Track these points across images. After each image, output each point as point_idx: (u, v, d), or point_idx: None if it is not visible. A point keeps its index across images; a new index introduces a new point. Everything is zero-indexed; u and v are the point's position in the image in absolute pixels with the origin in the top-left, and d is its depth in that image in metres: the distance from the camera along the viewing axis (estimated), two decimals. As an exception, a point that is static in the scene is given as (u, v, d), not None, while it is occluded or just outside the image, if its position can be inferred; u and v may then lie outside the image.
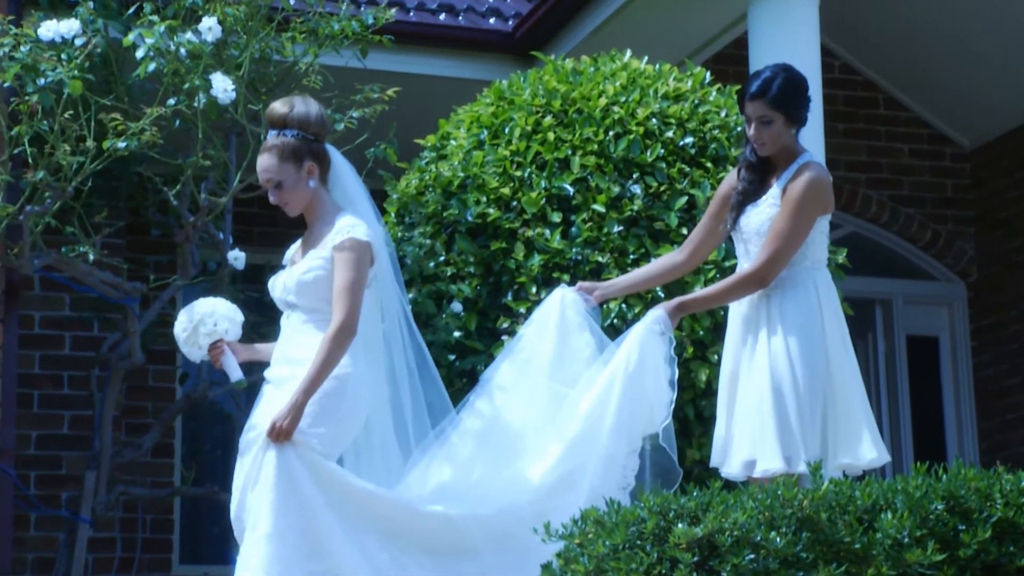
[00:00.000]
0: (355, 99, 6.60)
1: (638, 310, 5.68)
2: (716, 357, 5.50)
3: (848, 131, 10.01)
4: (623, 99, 6.22)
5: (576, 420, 4.94)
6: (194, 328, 5.05)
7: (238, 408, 7.58)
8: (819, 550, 3.72)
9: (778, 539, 3.69)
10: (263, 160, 4.99)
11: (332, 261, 4.89)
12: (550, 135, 6.14)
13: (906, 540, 3.72)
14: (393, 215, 6.41)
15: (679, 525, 3.76)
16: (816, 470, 3.93)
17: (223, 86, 6.10)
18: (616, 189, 6.00)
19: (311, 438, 4.75)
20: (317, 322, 4.91)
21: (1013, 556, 3.82)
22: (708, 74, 6.53)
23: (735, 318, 5.01)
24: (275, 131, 5.00)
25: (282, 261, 5.20)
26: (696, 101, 6.32)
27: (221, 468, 8.84)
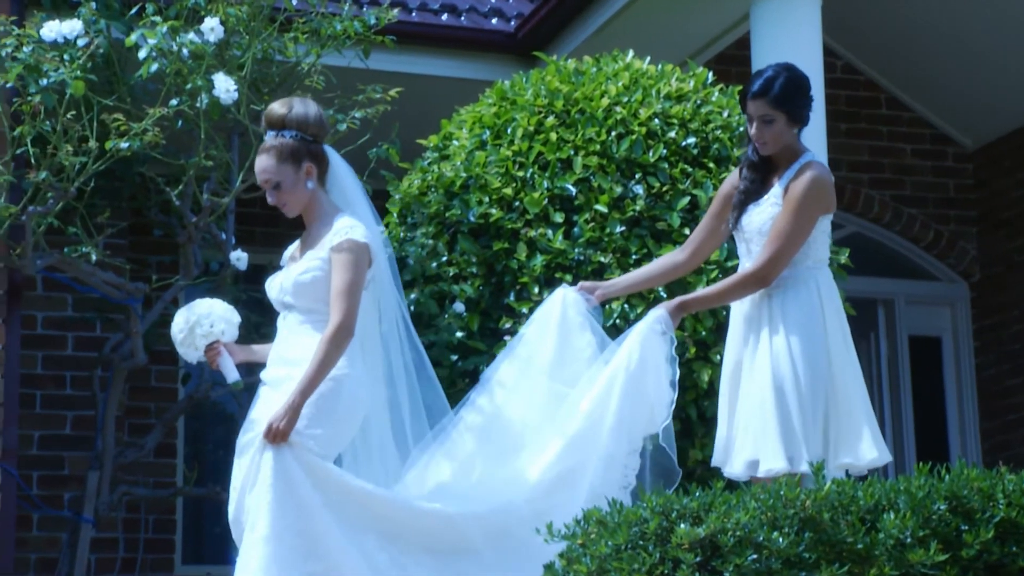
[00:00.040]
0: (357, 99, 6.60)
1: (640, 310, 5.68)
2: (718, 357, 5.50)
3: (850, 131, 10.00)
4: (625, 99, 6.22)
5: (576, 418, 4.94)
6: (190, 329, 5.04)
7: (240, 408, 7.56)
8: (821, 550, 3.72)
9: (780, 539, 3.69)
10: (261, 161, 4.99)
11: (330, 262, 4.88)
12: (552, 135, 6.14)
13: (908, 540, 3.72)
14: (395, 215, 6.41)
15: (681, 525, 3.76)
16: (818, 470, 3.93)
17: (225, 86, 6.10)
18: (618, 189, 6.00)
19: (308, 439, 4.75)
20: (314, 323, 4.90)
21: (1016, 556, 3.82)
22: (710, 74, 6.53)
23: (737, 317, 5.01)
24: (273, 132, 5.00)
25: (280, 262, 5.20)
26: (698, 101, 6.31)
27: (223, 468, 8.78)
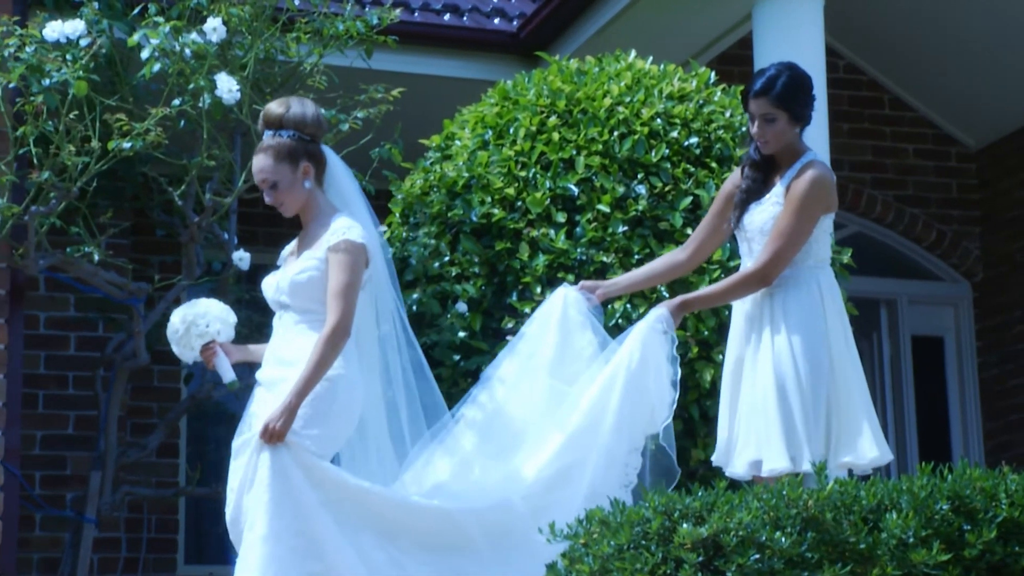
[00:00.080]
0: (360, 99, 6.60)
1: (643, 310, 5.67)
2: (721, 357, 5.49)
3: (853, 131, 10.00)
4: (628, 99, 6.22)
5: (576, 415, 4.93)
6: (186, 329, 5.03)
7: (243, 408, 7.57)
8: (824, 550, 3.72)
9: (783, 539, 3.69)
10: (259, 160, 4.98)
11: (326, 262, 4.87)
12: (555, 135, 6.14)
13: (911, 540, 3.72)
14: (398, 215, 6.41)
15: (684, 525, 3.76)
16: (821, 470, 3.93)
17: (228, 86, 6.10)
18: (621, 189, 6.00)
19: (304, 439, 4.74)
20: (310, 323, 4.89)
21: (1018, 556, 3.82)
22: (713, 74, 6.53)
23: (738, 316, 5.01)
24: (271, 131, 4.99)
25: (276, 261, 5.19)
26: (701, 101, 6.31)
27: (226, 468, 8.78)
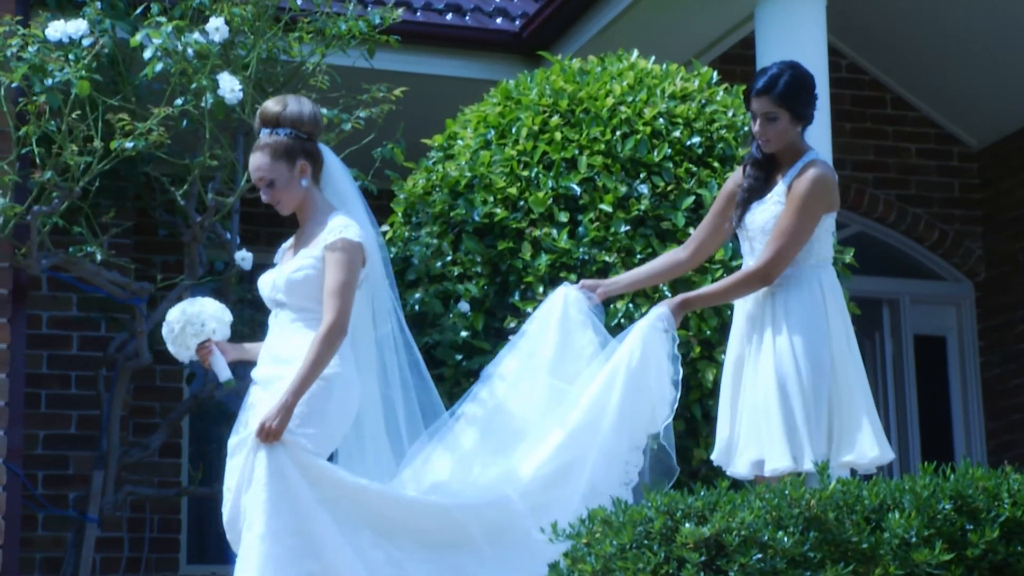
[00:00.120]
0: (362, 99, 6.60)
1: (645, 309, 5.67)
2: (723, 357, 5.48)
3: (855, 131, 9.99)
4: (630, 99, 6.22)
5: (576, 412, 4.92)
6: (181, 329, 5.03)
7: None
8: (826, 550, 3.72)
9: (785, 539, 3.69)
10: (255, 159, 4.97)
11: (323, 260, 4.86)
12: (557, 135, 6.14)
13: (914, 540, 3.72)
14: (400, 215, 6.41)
15: (686, 525, 3.76)
16: (823, 469, 3.93)
17: (230, 86, 6.10)
18: (623, 189, 6.00)
19: (300, 438, 4.74)
20: (306, 321, 4.88)
21: (1021, 556, 3.81)
22: (715, 74, 6.53)
23: (740, 315, 5.01)
24: (268, 129, 4.98)
25: (273, 259, 5.19)
26: (703, 101, 6.31)
27: (228, 468, 8.83)
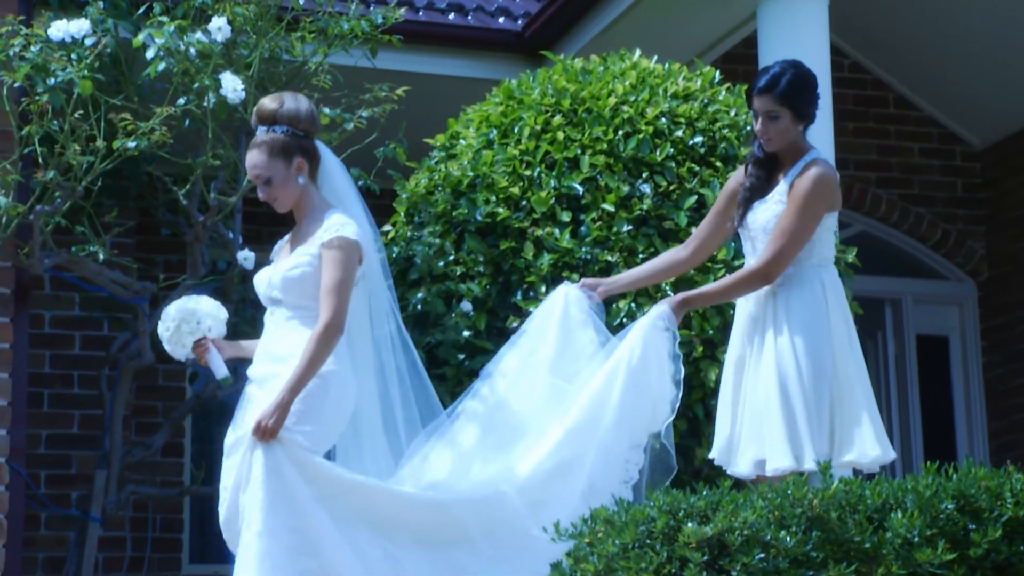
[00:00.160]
0: (364, 98, 6.60)
1: (647, 309, 5.65)
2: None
3: (858, 130, 9.99)
4: (632, 98, 6.22)
5: (576, 410, 4.91)
6: (177, 327, 5.01)
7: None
8: (829, 549, 3.72)
9: (788, 538, 3.69)
10: (252, 156, 4.96)
11: (319, 258, 4.85)
12: (559, 134, 6.14)
13: (916, 539, 3.72)
14: (402, 215, 6.41)
15: (689, 524, 3.76)
16: (825, 469, 3.93)
17: (233, 86, 6.10)
18: (625, 188, 6.00)
19: (296, 435, 4.73)
20: (302, 319, 4.87)
21: (1023, 555, 3.82)
22: (717, 73, 6.53)
23: (741, 316, 5.01)
24: (264, 127, 4.97)
25: (269, 256, 5.18)
26: (705, 100, 6.31)
27: (230, 467, 8.83)
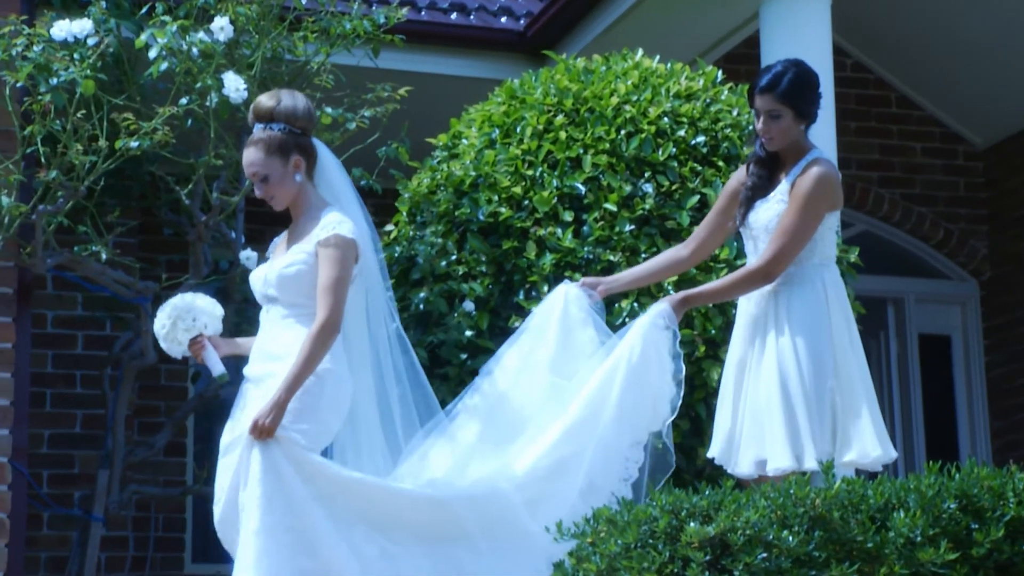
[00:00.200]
0: (367, 98, 6.60)
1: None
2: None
3: (860, 129, 9.99)
4: (635, 98, 6.22)
5: (575, 407, 4.90)
6: (172, 324, 5.00)
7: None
8: (831, 549, 3.72)
9: (790, 538, 3.69)
10: (249, 154, 4.95)
11: (315, 256, 4.84)
12: (562, 134, 6.14)
13: (919, 539, 3.72)
14: (405, 214, 6.41)
15: (691, 524, 3.76)
16: (828, 468, 3.93)
17: (235, 85, 6.10)
18: (628, 188, 6.00)
19: (293, 433, 4.71)
20: (297, 317, 4.85)
21: (1026, 555, 3.82)
22: (720, 73, 6.53)
23: (742, 317, 5.00)
24: (261, 124, 4.95)
25: (266, 254, 5.18)
26: (708, 100, 6.31)
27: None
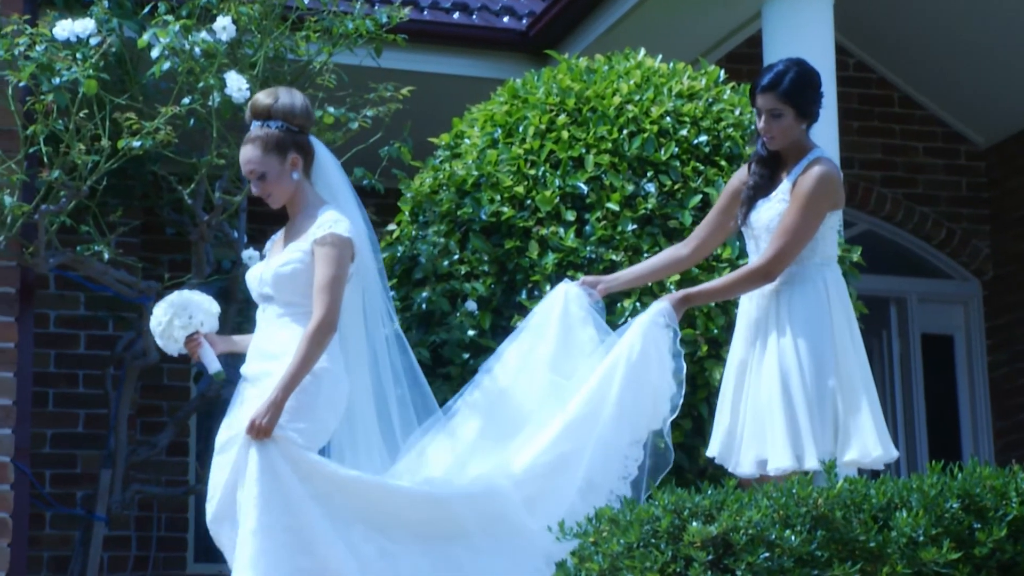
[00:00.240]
0: (369, 98, 6.60)
1: (652, 308, 5.67)
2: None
3: (863, 129, 9.99)
4: (637, 97, 6.22)
5: (574, 404, 4.90)
6: (168, 321, 4.99)
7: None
8: (834, 548, 3.72)
9: (793, 537, 3.69)
10: (246, 151, 4.94)
11: (312, 255, 4.82)
12: (564, 134, 6.14)
13: (921, 539, 3.72)
14: (407, 214, 6.41)
15: (693, 523, 3.76)
16: (830, 468, 3.93)
17: (237, 85, 6.10)
18: (630, 187, 6.00)
19: (291, 432, 4.71)
20: (293, 316, 4.85)
21: (1028, 555, 3.82)
22: (722, 72, 6.53)
23: (743, 319, 4.99)
24: (259, 122, 4.95)
25: (262, 252, 5.17)
26: (710, 99, 6.31)
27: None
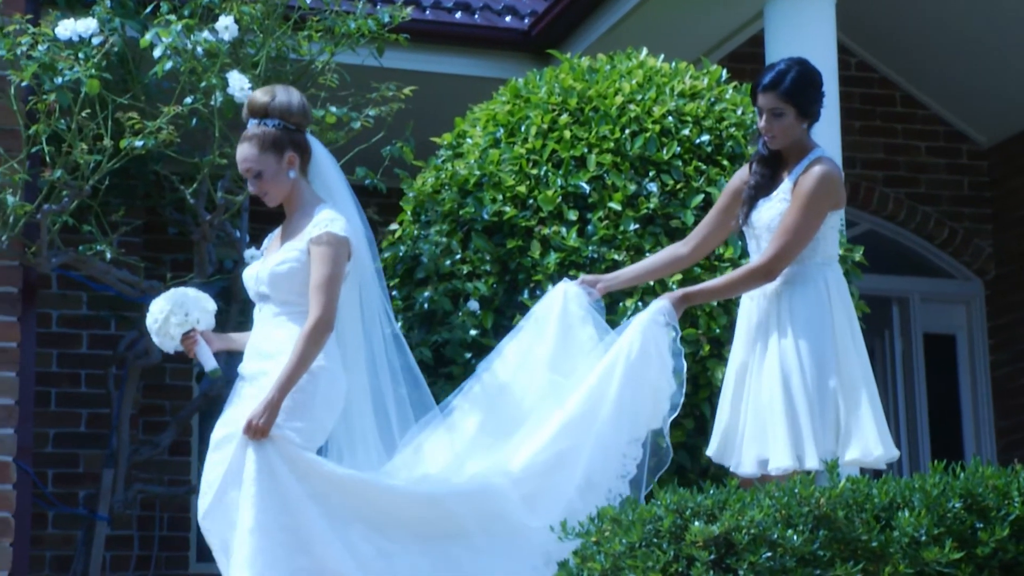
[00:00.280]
0: (371, 97, 6.60)
1: (654, 308, 5.67)
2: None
3: (865, 129, 9.99)
4: (639, 97, 6.22)
5: (573, 402, 4.89)
6: (165, 318, 4.98)
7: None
8: (836, 548, 3.72)
9: (795, 537, 3.69)
10: (243, 149, 4.91)
11: (308, 254, 4.81)
12: (566, 133, 6.14)
13: (923, 538, 3.72)
14: (409, 213, 6.42)
15: (696, 523, 3.76)
16: (832, 468, 3.93)
17: (240, 84, 6.10)
18: (632, 187, 6.00)
19: (288, 431, 4.71)
20: (290, 315, 4.83)
21: (1031, 554, 3.82)
22: (724, 72, 6.53)
23: (744, 321, 4.99)
24: (256, 120, 4.92)
25: (259, 251, 5.16)
26: (712, 99, 6.31)
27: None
